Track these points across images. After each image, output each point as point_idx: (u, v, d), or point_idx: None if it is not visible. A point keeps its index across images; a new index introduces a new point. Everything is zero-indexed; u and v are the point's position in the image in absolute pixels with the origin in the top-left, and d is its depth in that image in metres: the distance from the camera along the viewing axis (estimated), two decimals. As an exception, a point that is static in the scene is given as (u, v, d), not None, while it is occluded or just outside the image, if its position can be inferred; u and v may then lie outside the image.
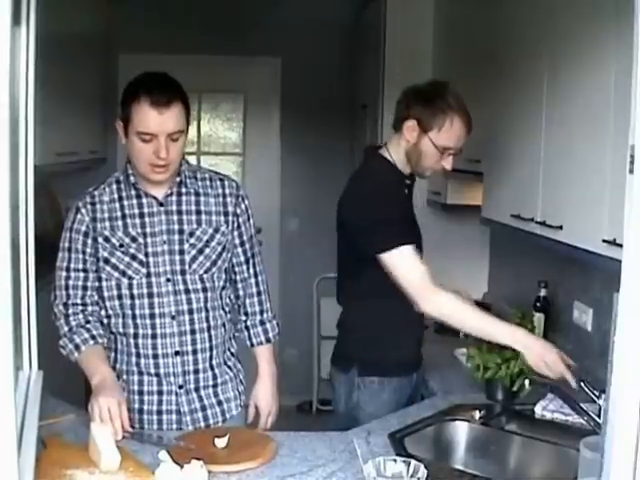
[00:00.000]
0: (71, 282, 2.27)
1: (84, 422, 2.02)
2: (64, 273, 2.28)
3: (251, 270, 2.44)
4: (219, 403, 2.34)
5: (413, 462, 1.71)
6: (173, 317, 2.25)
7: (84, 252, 2.27)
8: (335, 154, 5.44)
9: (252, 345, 2.48)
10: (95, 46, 5.03)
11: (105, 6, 5.12)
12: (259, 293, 2.46)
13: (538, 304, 3.13)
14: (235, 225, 2.36)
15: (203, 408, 2.31)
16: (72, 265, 2.27)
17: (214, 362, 2.33)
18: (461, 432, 2.28)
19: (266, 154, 5.52)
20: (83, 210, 2.28)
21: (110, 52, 5.29)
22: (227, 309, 2.38)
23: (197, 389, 2.30)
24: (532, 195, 2.63)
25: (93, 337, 2.24)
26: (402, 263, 2.36)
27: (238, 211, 2.36)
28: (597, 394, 1.95)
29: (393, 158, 2.53)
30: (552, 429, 2.22)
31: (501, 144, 2.90)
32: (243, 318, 2.47)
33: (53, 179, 4.68)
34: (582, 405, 2.04)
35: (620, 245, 1.65)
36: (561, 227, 2.37)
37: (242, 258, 2.41)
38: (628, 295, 1.31)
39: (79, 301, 2.27)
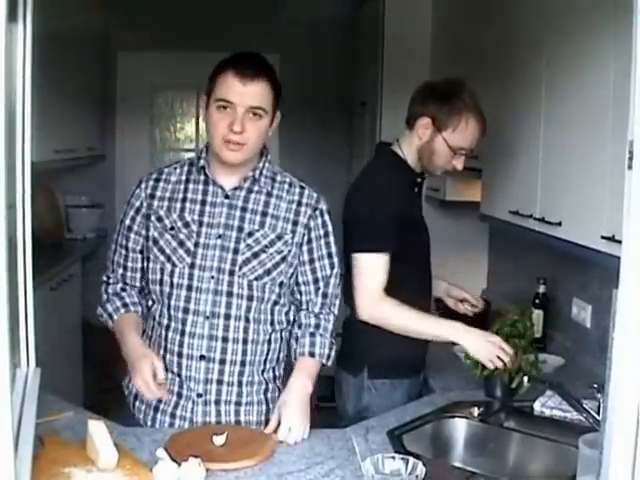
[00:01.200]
0: (115, 257, 2.23)
1: (82, 420, 2.02)
2: (113, 246, 2.24)
3: (320, 291, 2.21)
4: (237, 423, 2.16)
5: (411, 459, 1.70)
6: (207, 317, 2.11)
7: (130, 228, 2.18)
8: (333, 151, 5.45)
9: (295, 358, 2.22)
10: (94, 43, 5.04)
11: (103, 3, 5.11)
12: (321, 311, 2.22)
13: (537, 301, 3.13)
14: (305, 239, 2.17)
15: (218, 424, 2.13)
16: (119, 239, 2.22)
17: (245, 379, 2.16)
18: (460, 429, 2.28)
19: (264, 151, 5.52)
20: (143, 185, 2.19)
21: (109, 49, 5.29)
22: (279, 327, 2.20)
23: (217, 402, 2.14)
24: (531, 191, 2.62)
25: (125, 305, 2.19)
26: (363, 271, 2.38)
27: (312, 224, 2.17)
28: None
29: (405, 155, 2.49)
30: (551, 426, 2.22)
31: (500, 140, 2.89)
32: (296, 331, 2.23)
33: (51, 176, 4.68)
34: (581, 402, 2.03)
35: (619, 241, 1.65)
36: (560, 223, 2.37)
37: (310, 277, 2.20)
38: (627, 292, 1.30)
39: (119, 277, 2.22)
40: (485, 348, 2.33)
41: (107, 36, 5.24)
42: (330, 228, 2.22)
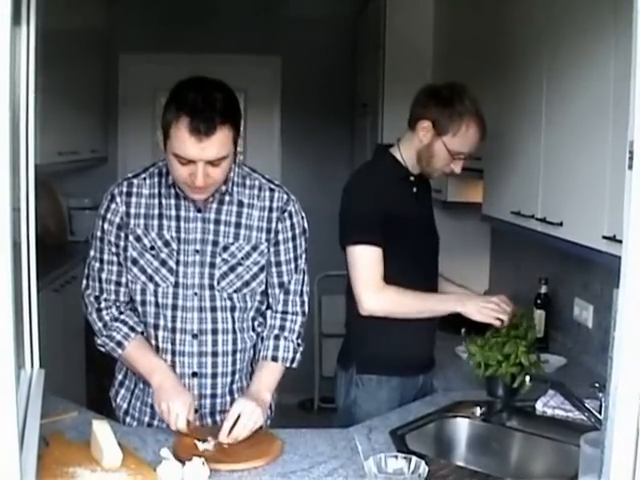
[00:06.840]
0: (104, 275, 2.13)
1: (86, 420, 2.03)
2: (97, 264, 2.13)
3: (283, 292, 2.19)
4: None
5: (414, 458, 1.71)
6: (194, 336, 2.12)
7: (117, 245, 2.10)
8: (335, 152, 5.45)
9: (258, 358, 2.20)
10: (96, 45, 5.05)
11: (105, 5, 5.13)
12: (286, 309, 2.21)
13: (539, 301, 3.13)
14: (273, 242, 2.14)
15: None
16: (106, 257, 2.12)
17: (235, 386, 2.19)
18: (462, 429, 2.28)
19: (266, 153, 5.52)
20: (118, 199, 2.09)
21: (111, 51, 5.30)
22: (260, 329, 2.22)
23: (212, 413, 2.19)
24: (532, 192, 2.63)
25: (132, 329, 2.12)
26: (359, 263, 2.40)
27: (279, 227, 2.13)
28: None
29: (403, 156, 2.51)
30: (553, 425, 2.22)
31: (501, 141, 2.90)
32: (262, 330, 2.23)
33: (54, 178, 4.69)
34: (583, 401, 2.04)
35: (620, 241, 1.65)
36: (561, 224, 2.38)
37: (275, 280, 2.18)
38: (628, 291, 1.31)
39: (113, 296, 2.14)
40: (484, 311, 2.41)
41: (109, 38, 5.25)
42: (299, 230, 2.18)
